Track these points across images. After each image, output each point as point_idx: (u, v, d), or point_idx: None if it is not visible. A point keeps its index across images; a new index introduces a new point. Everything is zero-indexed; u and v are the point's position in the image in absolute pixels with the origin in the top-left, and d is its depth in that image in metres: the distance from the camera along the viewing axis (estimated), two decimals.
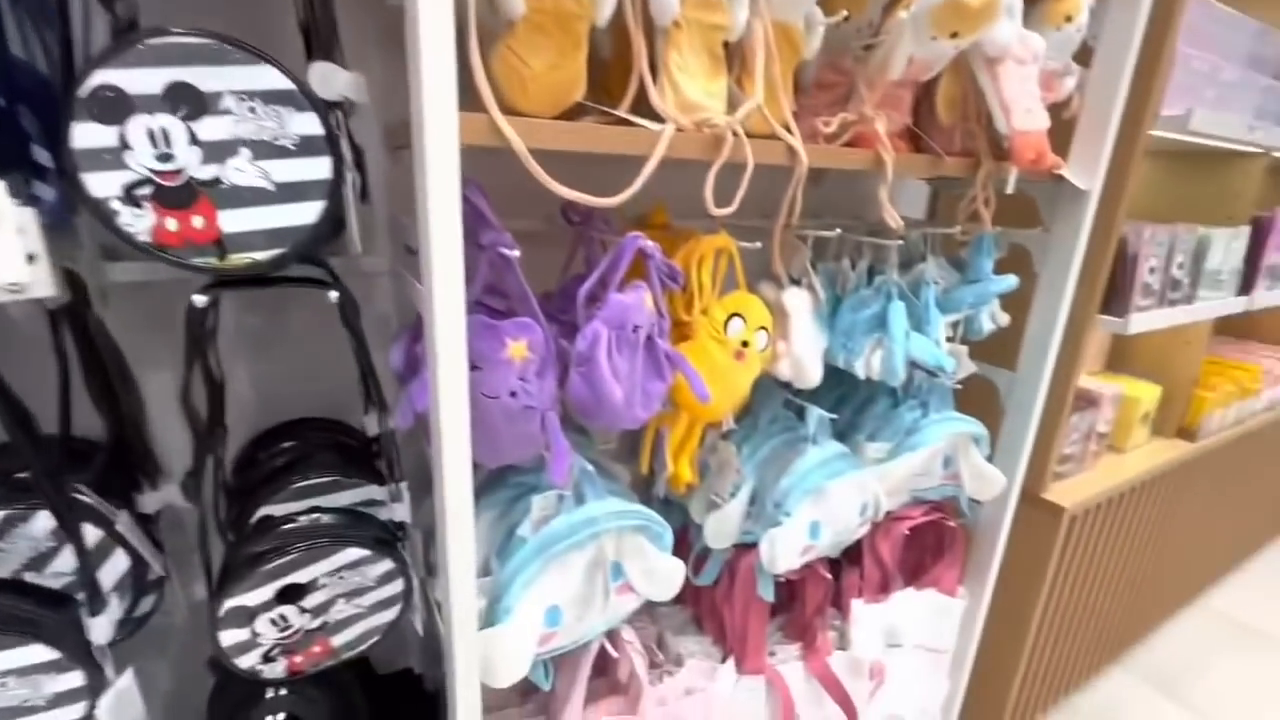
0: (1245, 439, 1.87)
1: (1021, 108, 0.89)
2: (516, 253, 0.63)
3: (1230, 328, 2.05)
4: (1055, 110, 1.00)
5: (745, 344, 0.85)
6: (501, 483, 0.83)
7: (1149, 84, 1.08)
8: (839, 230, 0.93)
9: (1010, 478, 1.23)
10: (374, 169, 0.77)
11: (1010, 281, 1.05)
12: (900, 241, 0.94)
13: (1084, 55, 1.02)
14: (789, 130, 0.77)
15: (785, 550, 0.95)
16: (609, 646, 0.88)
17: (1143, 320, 1.26)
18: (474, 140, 0.56)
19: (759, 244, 0.86)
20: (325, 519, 0.66)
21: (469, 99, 0.56)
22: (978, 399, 1.20)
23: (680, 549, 1.01)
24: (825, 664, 1.12)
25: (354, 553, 0.65)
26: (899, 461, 1.10)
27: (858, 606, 1.17)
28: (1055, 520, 1.35)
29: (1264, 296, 1.64)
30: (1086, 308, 1.21)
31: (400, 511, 0.70)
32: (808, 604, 1.13)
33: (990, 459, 1.19)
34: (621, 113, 0.68)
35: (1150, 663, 1.94)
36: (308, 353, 0.88)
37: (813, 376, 0.92)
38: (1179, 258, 1.32)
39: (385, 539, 0.68)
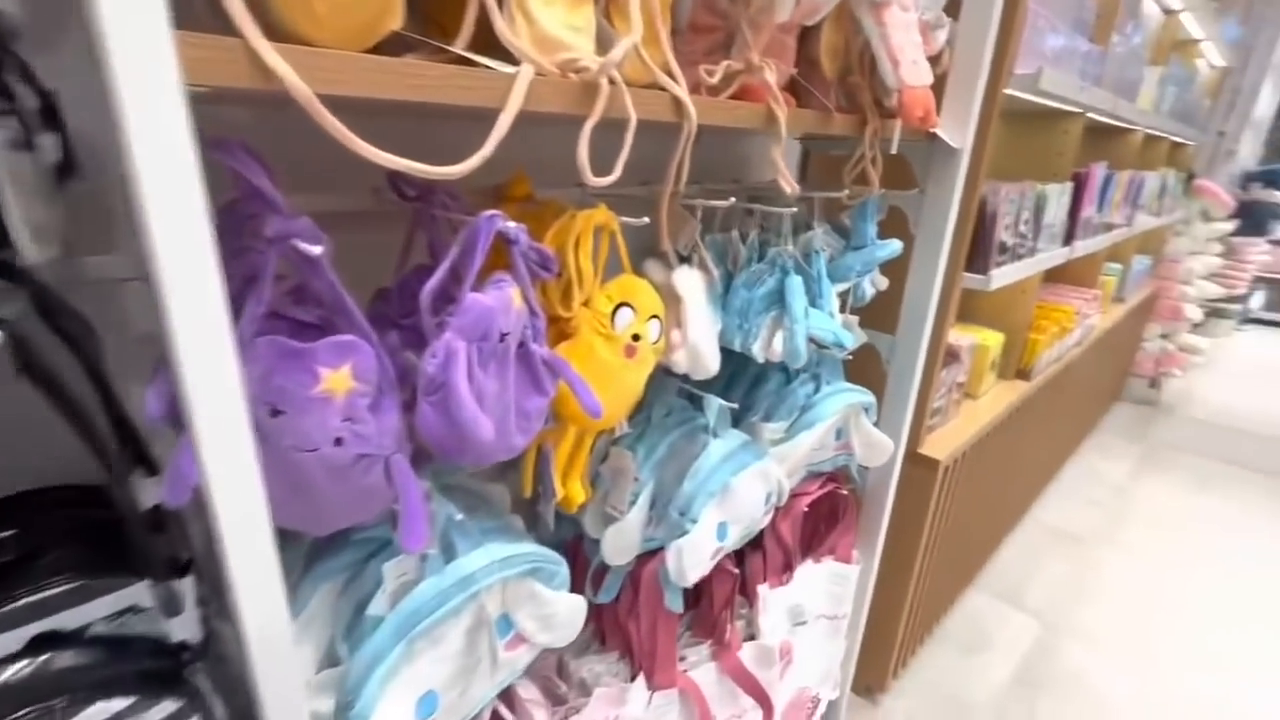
0: (1063, 372, 2.10)
1: (908, 59, 0.83)
2: (318, 249, 0.44)
3: (1050, 274, 2.29)
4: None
5: (636, 337, 0.72)
6: (342, 542, 0.64)
7: (1007, 40, 1.08)
8: (733, 199, 0.82)
9: (896, 441, 1.24)
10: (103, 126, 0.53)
11: (895, 246, 1.01)
12: (794, 209, 0.85)
13: (949, 8, 0.98)
14: (672, 78, 0.64)
15: (694, 560, 0.85)
16: (504, 712, 0.73)
17: (1000, 275, 1.31)
18: (224, 79, 0.36)
19: (646, 219, 0.72)
20: (62, 661, 0.44)
21: (218, 19, 0.36)
22: (860, 365, 1.18)
23: (574, 564, 0.88)
24: (737, 660, 1.06)
25: (110, 707, 0.44)
26: (797, 441, 1.05)
27: (764, 593, 1.12)
28: (932, 474, 1.40)
29: (1082, 245, 1.81)
30: (955, 267, 1.22)
31: (182, 628, 0.50)
32: (715, 600, 1.06)
33: (876, 424, 1.18)
34: (458, 49, 0.50)
35: (997, 579, 2.17)
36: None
37: (711, 365, 0.82)
38: (1024, 214, 1.39)
39: (161, 670, 0.48)
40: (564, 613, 0.71)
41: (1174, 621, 2.03)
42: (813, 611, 1.23)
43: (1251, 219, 3.95)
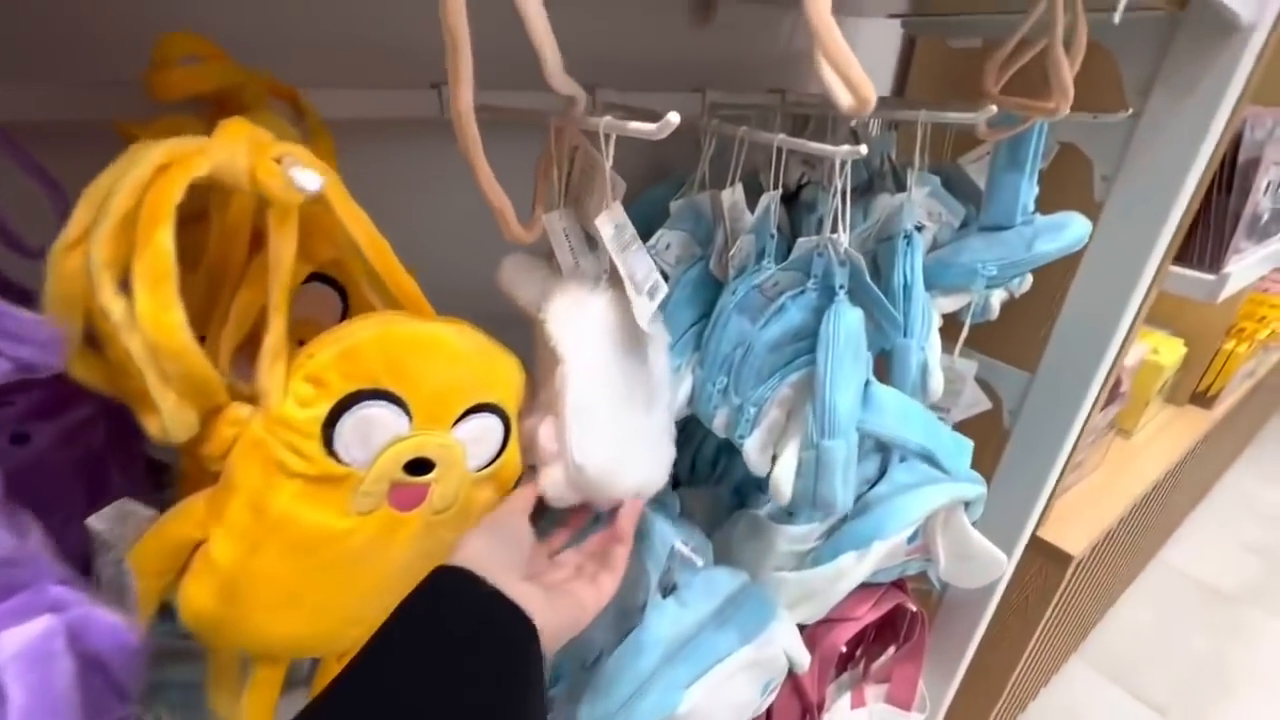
0: (1253, 391, 1.49)
1: None
2: None
3: None
4: None
5: (420, 468, 0.29)
6: None
7: None
8: (716, 118, 0.35)
9: (1013, 544, 0.76)
10: None
11: (1079, 228, 0.50)
12: (857, 149, 0.35)
13: None
14: None
15: None
16: None
17: (1242, 272, 0.75)
18: None
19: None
20: None
21: None
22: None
23: None
24: None
25: None
26: (840, 567, 0.59)
27: None
28: (1059, 569, 0.91)
29: None
30: (1166, 257, 0.68)
31: None
32: None
33: (979, 521, 0.70)
34: None
35: (1108, 651, 1.66)
36: None
37: (630, 484, 0.37)
38: None
39: None
40: None
41: None
42: None
43: None
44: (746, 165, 0.46)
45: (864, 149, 0.34)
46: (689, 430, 0.77)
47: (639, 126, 0.29)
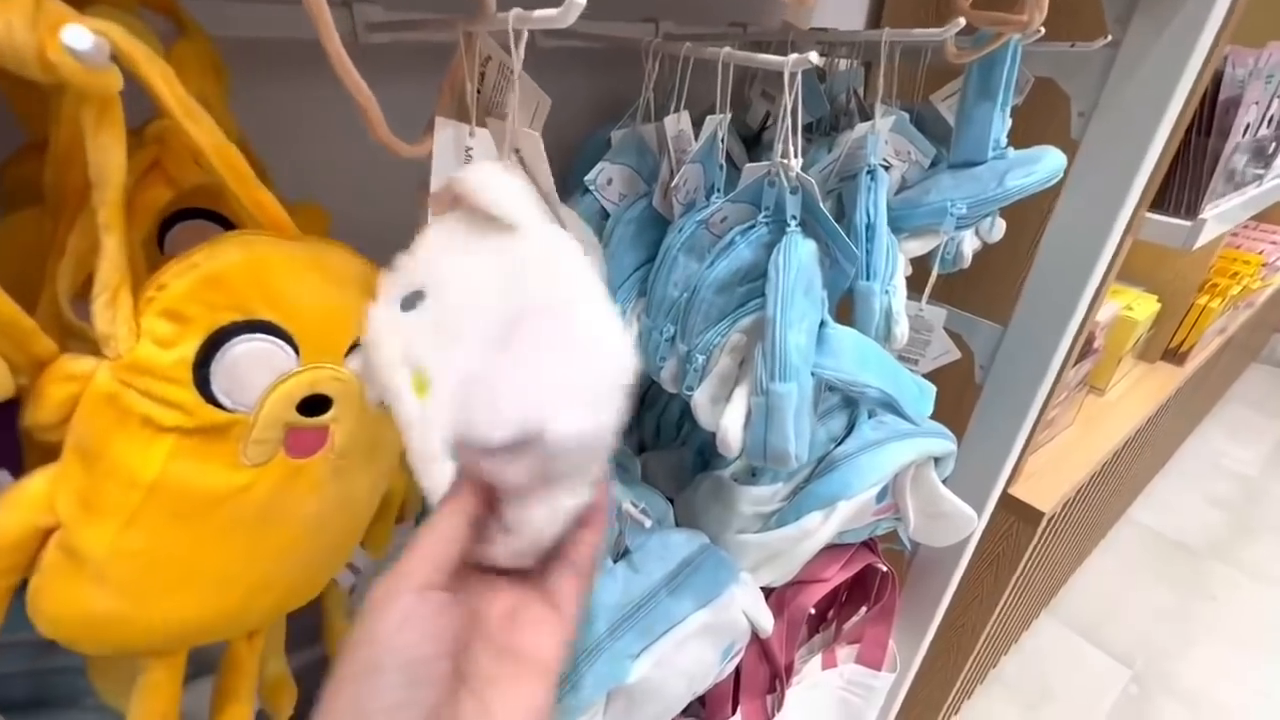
0: (1223, 346, 1.49)
1: None
2: None
3: None
4: None
5: (316, 406, 0.25)
6: None
7: None
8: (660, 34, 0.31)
9: (983, 500, 0.74)
10: None
11: (1053, 162, 0.47)
12: (806, 57, 0.31)
13: None
14: None
15: None
16: None
17: (1218, 219, 0.73)
18: None
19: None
20: None
21: None
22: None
23: None
24: None
25: None
26: (804, 526, 0.57)
27: None
28: (1030, 527, 0.90)
29: None
30: (1142, 203, 0.66)
31: None
32: None
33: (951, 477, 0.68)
34: None
35: (1075, 604, 1.69)
36: None
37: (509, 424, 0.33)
38: (1275, 107, 0.78)
39: None
40: None
41: None
42: None
43: None
44: (703, 100, 0.42)
45: (814, 56, 0.30)
46: (652, 392, 0.74)
47: (545, 14, 0.25)
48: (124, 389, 0.23)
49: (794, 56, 0.32)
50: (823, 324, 0.35)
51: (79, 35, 0.17)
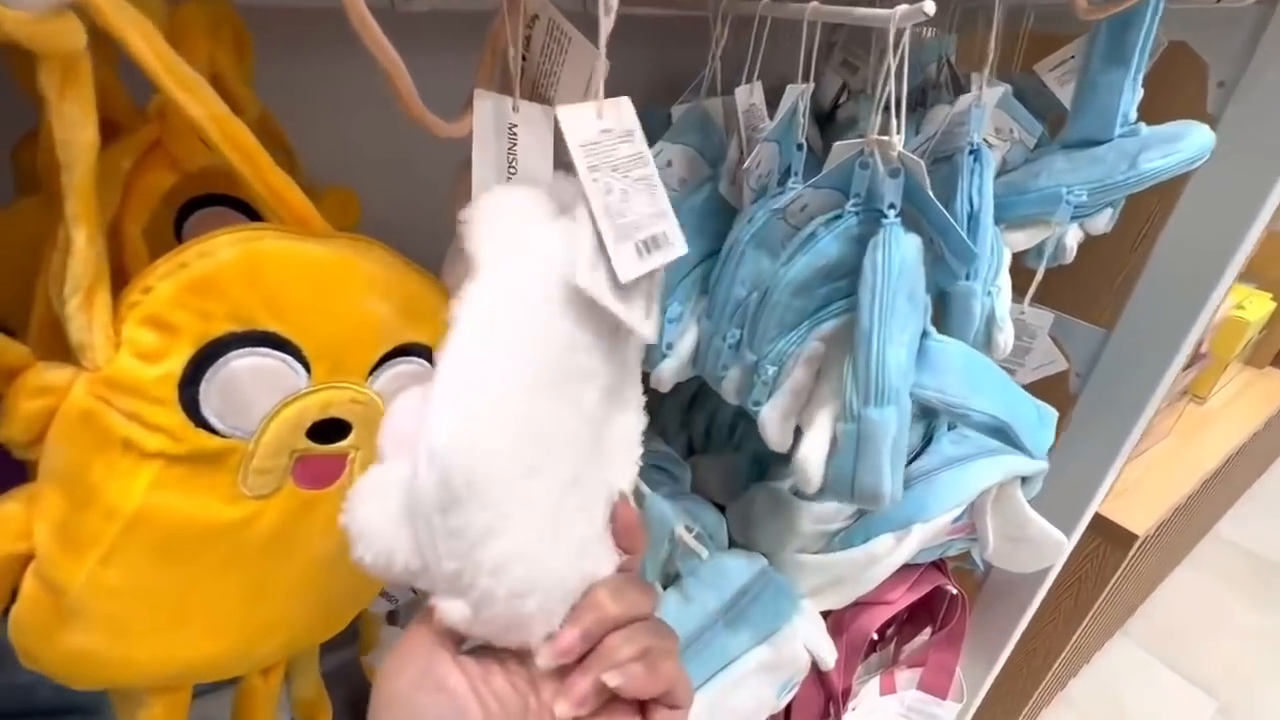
0: None
1: None
2: None
3: None
4: None
5: (331, 432, 0.21)
6: None
7: None
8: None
9: (1073, 523, 0.67)
10: None
11: (1203, 142, 0.39)
12: (920, 6, 0.25)
13: None
14: None
15: None
16: None
17: None
18: None
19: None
20: None
21: None
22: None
23: None
24: None
25: None
26: (872, 550, 0.52)
27: None
28: (1120, 550, 0.82)
29: None
30: None
31: None
32: None
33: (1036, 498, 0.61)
34: None
35: (1155, 626, 1.56)
36: None
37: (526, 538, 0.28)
38: None
39: None
40: None
41: None
42: None
43: None
44: (773, 73, 0.36)
45: (929, 4, 0.25)
46: (704, 391, 0.69)
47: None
48: (102, 407, 0.19)
49: (902, 8, 0.26)
50: (924, 335, 0.29)
51: None
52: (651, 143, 0.38)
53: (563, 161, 0.29)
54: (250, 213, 0.30)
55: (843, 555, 0.53)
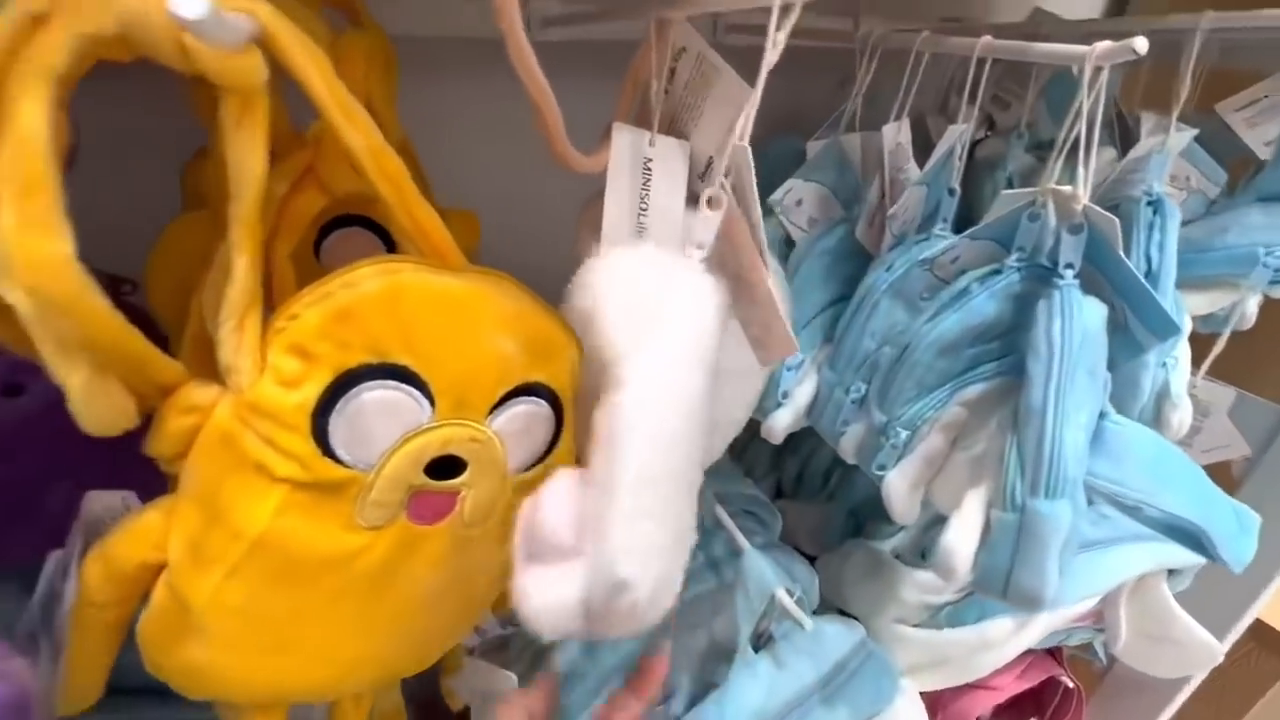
0: None
1: None
2: None
3: None
4: None
5: (442, 469, 0.21)
6: None
7: None
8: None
9: (1226, 626, 0.58)
10: None
11: None
12: (1131, 43, 0.22)
13: None
14: None
15: None
16: None
17: None
18: None
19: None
20: None
21: None
22: None
23: None
24: None
25: None
26: (985, 637, 0.47)
27: None
28: (1275, 657, 0.70)
29: None
30: None
31: None
32: None
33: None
34: None
35: None
36: None
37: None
38: None
39: None
40: None
41: None
42: None
43: None
44: (912, 106, 0.34)
45: (1140, 43, 0.21)
46: (801, 433, 0.65)
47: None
48: (241, 429, 0.20)
49: (1103, 44, 0.23)
50: (1102, 415, 0.25)
51: (189, 3, 0.13)
52: (780, 176, 0.36)
53: (693, 194, 0.28)
54: (382, 233, 0.30)
55: (950, 634, 0.48)
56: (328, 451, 0.20)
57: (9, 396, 0.27)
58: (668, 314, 0.21)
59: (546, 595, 0.20)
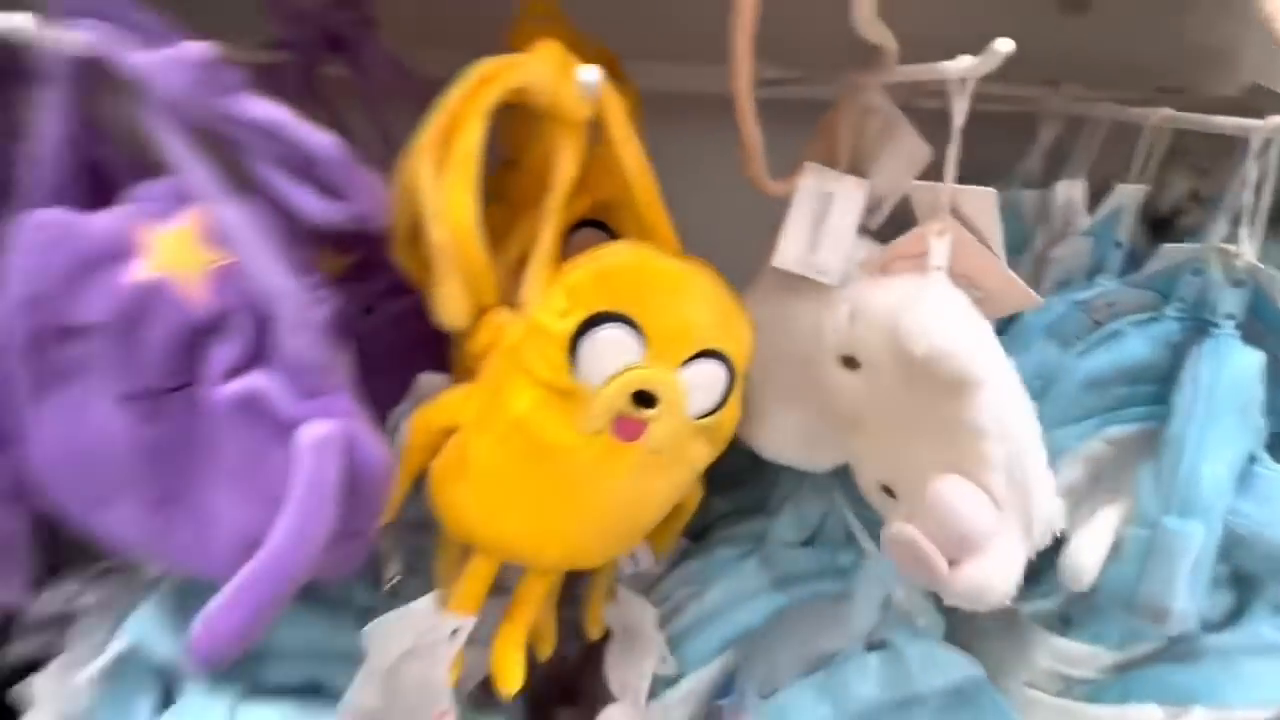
0: None
1: None
2: None
3: None
4: None
5: (646, 401, 0.29)
6: None
7: None
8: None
9: None
10: None
11: None
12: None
13: None
14: None
15: None
16: None
17: None
18: None
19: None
20: None
21: None
22: None
23: None
24: None
25: None
26: (1124, 717, 0.44)
27: None
28: None
29: None
30: None
31: None
32: None
33: None
34: None
35: None
36: None
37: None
38: None
39: None
40: None
41: None
42: None
43: None
44: (1096, 171, 0.36)
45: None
46: None
47: (944, 65, 0.24)
48: (525, 342, 0.29)
49: (1275, 119, 0.25)
50: (1253, 459, 0.26)
51: (592, 73, 0.23)
52: None
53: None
54: (612, 236, 0.40)
55: (1088, 709, 0.45)
56: (574, 368, 0.29)
57: (366, 314, 0.40)
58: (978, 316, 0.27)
59: (1010, 571, 0.25)
